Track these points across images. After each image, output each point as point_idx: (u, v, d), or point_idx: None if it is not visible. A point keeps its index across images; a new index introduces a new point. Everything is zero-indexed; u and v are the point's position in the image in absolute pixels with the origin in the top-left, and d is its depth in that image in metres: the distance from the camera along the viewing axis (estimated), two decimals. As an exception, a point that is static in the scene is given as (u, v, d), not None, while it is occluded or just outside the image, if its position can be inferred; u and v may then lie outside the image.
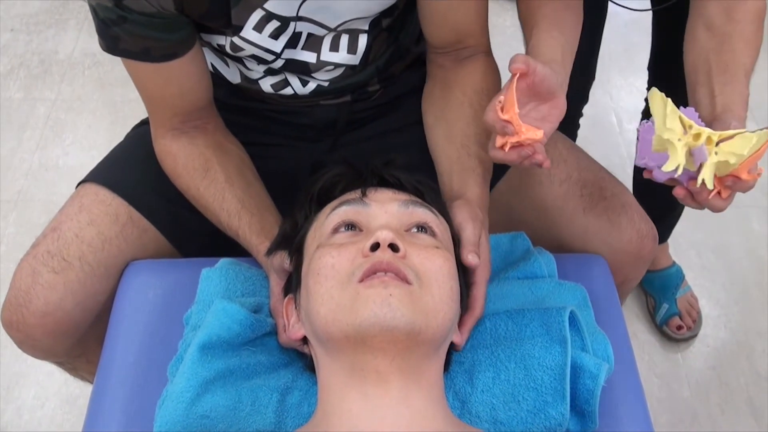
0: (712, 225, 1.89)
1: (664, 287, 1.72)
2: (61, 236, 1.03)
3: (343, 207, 0.83)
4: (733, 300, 1.77)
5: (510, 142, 0.83)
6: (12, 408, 1.58)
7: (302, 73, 1.07)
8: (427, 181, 0.90)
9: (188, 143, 1.02)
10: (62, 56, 2.31)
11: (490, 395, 0.85)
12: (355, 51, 1.05)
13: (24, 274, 1.02)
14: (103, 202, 1.06)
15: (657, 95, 0.82)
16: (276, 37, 0.98)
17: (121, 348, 0.99)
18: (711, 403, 1.60)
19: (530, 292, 0.95)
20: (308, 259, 0.81)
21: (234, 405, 0.86)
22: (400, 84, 1.17)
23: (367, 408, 0.73)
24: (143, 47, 0.93)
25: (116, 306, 1.04)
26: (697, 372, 1.65)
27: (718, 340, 1.70)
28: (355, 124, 1.17)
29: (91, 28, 2.30)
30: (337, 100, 1.13)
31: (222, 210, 1.00)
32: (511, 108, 0.81)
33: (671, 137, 0.80)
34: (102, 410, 0.95)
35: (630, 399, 0.94)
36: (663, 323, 1.71)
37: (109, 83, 2.23)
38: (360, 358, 0.73)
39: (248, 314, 0.90)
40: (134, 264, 1.07)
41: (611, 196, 1.08)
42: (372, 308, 0.70)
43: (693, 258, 1.83)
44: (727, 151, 0.78)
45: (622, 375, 0.94)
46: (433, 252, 0.78)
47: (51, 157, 2.05)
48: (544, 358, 0.85)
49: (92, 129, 2.12)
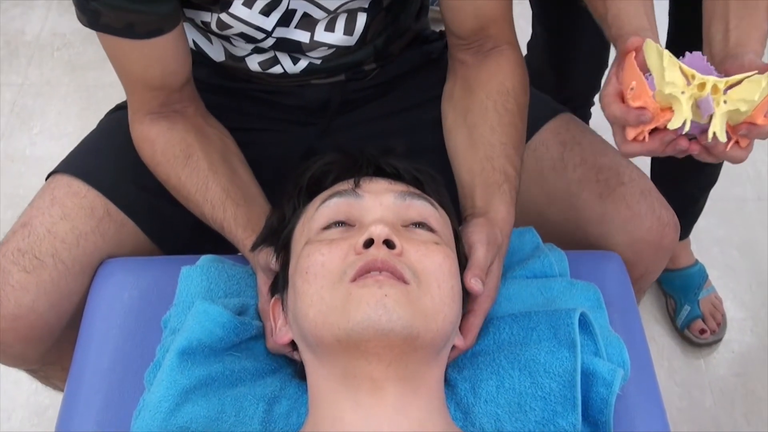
0: (738, 220, 1.90)
1: (686, 287, 1.72)
2: (32, 232, 1.03)
3: (334, 199, 0.82)
4: (760, 302, 1.77)
5: (647, 130, 0.82)
6: (-25, 420, 1.59)
7: (293, 52, 1.07)
8: (426, 169, 0.89)
9: (168, 128, 1.02)
10: (29, 37, 2.31)
11: (494, 405, 0.85)
12: (351, 32, 1.05)
13: None
14: (77, 195, 1.06)
15: (652, 47, 0.79)
16: (267, 14, 0.98)
17: (93, 353, 0.99)
18: (736, 413, 1.60)
19: (539, 293, 0.95)
20: (296, 256, 0.81)
21: (216, 416, 0.85)
22: (398, 63, 1.17)
23: (361, 418, 0.73)
24: (127, 22, 0.92)
25: (89, 307, 1.04)
26: (721, 379, 1.65)
27: (744, 344, 1.71)
28: (350, 106, 1.16)
29: (60, 6, 2.33)
30: (330, 79, 1.13)
31: (205, 201, 0.99)
32: (644, 92, 0.79)
33: (673, 91, 0.78)
34: (73, 422, 0.94)
35: (648, 408, 0.94)
36: (684, 326, 1.71)
37: (81, 66, 2.22)
38: (353, 365, 0.73)
39: (232, 317, 0.89)
40: (108, 262, 1.07)
41: (629, 181, 1.08)
42: (366, 310, 0.70)
43: (717, 256, 1.83)
44: (737, 98, 0.77)
45: (639, 382, 0.94)
46: (432, 248, 0.77)
47: (17, 147, 2.05)
48: (550, 363, 0.85)
49: (63, 116, 2.11)
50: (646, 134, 0.82)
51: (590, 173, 1.08)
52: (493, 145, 0.98)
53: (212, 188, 0.99)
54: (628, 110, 0.80)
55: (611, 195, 1.07)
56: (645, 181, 1.10)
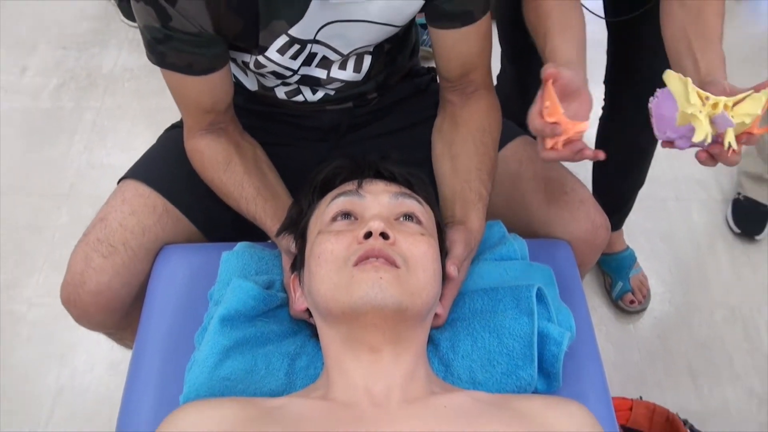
0: (660, 215, 1.89)
1: (619, 268, 1.72)
2: (107, 225, 1.02)
3: (341, 198, 0.82)
4: (677, 280, 1.77)
5: (561, 141, 0.81)
6: (67, 372, 1.58)
7: (313, 85, 1.06)
8: (417, 173, 0.89)
9: (213, 141, 1.02)
10: (105, 71, 2.30)
11: (469, 360, 0.85)
12: (359, 70, 1.05)
13: (78, 258, 1.01)
14: (142, 195, 1.05)
15: (674, 76, 0.79)
16: (295, 58, 0.98)
17: (155, 320, 0.99)
18: (657, 366, 1.60)
19: (505, 272, 0.95)
20: (311, 243, 0.81)
21: (250, 368, 0.85)
22: (394, 93, 1.16)
23: (363, 370, 0.74)
24: (187, 62, 0.92)
25: (151, 284, 1.04)
26: (646, 340, 1.65)
27: (663, 313, 1.70)
28: (356, 127, 1.16)
29: (130, 47, 2.33)
30: (340, 106, 1.12)
31: (241, 197, 0.99)
32: (556, 110, 0.79)
33: (694, 111, 0.78)
34: (140, 373, 0.94)
35: (589, 363, 0.94)
36: (618, 298, 1.70)
37: (145, 94, 2.22)
38: (355, 331, 0.73)
39: (260, 290, 0.89)
40: (167, 248, 1.07)
41: (571, 191, 1.07)
42: (365, 289, 0.70)
43: (643, 243, 1.83)
44: (742, 113, 0.77)
45: (582, 342, 0.94)
46: (418, 238, 0.77)
47: (96, 158, 2.04)
48: (513, 327, 0.85)
49: (131, 133, 2.10)
50: (560, 144, 0.82)
51: (540, 184, 1.08)
52: (470, 171, 0.98)
53: (246, 188, 0.99)
54: (545, 124, 0.81)
55: (556, 202, 1.07)
56: (584, 191, 1.09)
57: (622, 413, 1.33)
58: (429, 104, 1.13)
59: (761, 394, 1.54)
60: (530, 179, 1.08)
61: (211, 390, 0.84)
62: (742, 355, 1.61)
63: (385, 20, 0.95)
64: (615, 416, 0.92)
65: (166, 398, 0.89)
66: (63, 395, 1.53)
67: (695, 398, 1.54)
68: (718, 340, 1.64)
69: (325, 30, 0.94)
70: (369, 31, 0.96)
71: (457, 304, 0.90)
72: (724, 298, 1.71)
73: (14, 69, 2.29)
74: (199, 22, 0.87)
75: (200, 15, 0.86)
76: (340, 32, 0.95)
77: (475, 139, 1.01)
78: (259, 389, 0.84)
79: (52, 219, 1.88)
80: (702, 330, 1.66)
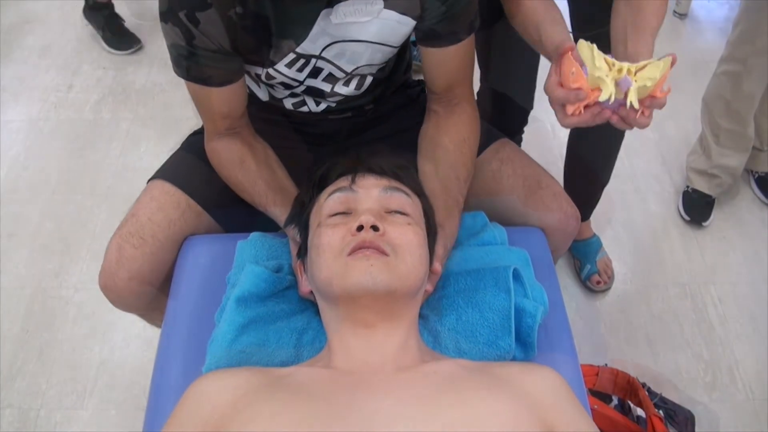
0: (622, 206, 1.88)
1: (587, 252, 1.70)
2: (138, 220, 1.02)
3: (336, 194, 0.81)
4: (636, 262, 1.76)
5: (582, 106, 0.80)
6: (107, 347, 1.58)
7: (317, 97, 1.05)
8: (404, 164, 0.87)
9: (229, 143, 1.01)
10: (138, 86, 2.28)
11: (455, 332, 0.84)
12: (360, 87, 1.04)
13: (113, 249, 1.00)
14: (168, 193, 1.04)
15: (584, 44, 0.78)
16: (301, 70, 0.97)
17: (181, 302, 0.98)
18: (620, 337, 1.59)
19: (486, 255, 0.94)
20: (312, 234, 0.80)
21: (263, 342, 0.84)
22: (388, 103, 1.15)
23: (361, 343, 0.73)
24: (208, 75, 0.91)
25: (177, 271, 1.03)
26: (610, 314, 1.64)
27: (625, 291, 1.69)
28: (354, 133, 1.14)
29: (159, 65, 2.32)
30: (340, 115, 1.11)
31: (254, 192, 0.98)
32: (580, 76, 0.78)
33: (601, 74, 0.77)
34: (168, 348, 0.94)
35: (560, 334, 0.93)
36: (586, 279, 1.69)
37: (172, 105, 2.20)
38: (351, 311, 0.73)
39: (270, 273, 0.88)
40: (190, 239, 1.06)
41: (546, 187, 1.06)
42: (357, 276, 0.70)
43: (608, 231, 1.82)
44: (644, 76, 0.76)
45: (554, 317, 0.93)
46: (406, 228, 0.76)
47: (131, 161, 2.02)
48: (493, 303, 0.84)
49: (160, 139, 2.09)
50: (582, 109, 0.80)
51: (518, 181, 1.06)
52: (449, 179, 0.96)
53: (259, 183, 0.98)
54: (568, 92, 0.79)
55: (532, 196, 1.05)
56: (557, 187, 1.08)
57: (589, 378, 1.32)
58: (417, 112, 1.12)
59: (707, 360, 1.53)
60: (510, 176, 1.07)
61: (229, 361, 0.83)
62: (690, 325, 1.60)
63: (382, 40, 0.94)
64: (584, 381, 0.91)
65: (191, 369, 0.88)
66: (105, 366, 1.53)
67: (652, 363, 1.53)
68: (672, 313, 1.63)
69: (330, 49, 0.93)
70: (368, 50, 0.95)
71: (444, 284, 0.89)
72: (676, 277, 1.70)
73: (62, 87, 2.28)
74: (219, 40, 0.87)
75: (220, 35, 0.86)
76: (342, 51, 0.94)
77: (455, 148, 1.00)
78: (270, 360, 0.83)
79: (93, 215, 1.87)
80: (657, 305, 1.65)
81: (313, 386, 0.69)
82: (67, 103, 2.22)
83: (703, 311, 1.62)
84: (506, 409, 0.64)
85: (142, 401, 1.46)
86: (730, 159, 1.73)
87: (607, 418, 1.25)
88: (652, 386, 1.37)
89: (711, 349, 1.55)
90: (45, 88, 2.28)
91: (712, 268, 1.71)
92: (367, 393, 0.67)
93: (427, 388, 0.68)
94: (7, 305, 1.64)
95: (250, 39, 0.89)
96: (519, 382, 0.70)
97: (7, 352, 1.56)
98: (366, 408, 0.64)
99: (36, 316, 1.63)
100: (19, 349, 1.57)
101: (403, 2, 0.90)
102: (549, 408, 0.67)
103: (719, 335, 1.57)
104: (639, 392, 1.28)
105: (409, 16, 0.92)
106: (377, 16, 0.89)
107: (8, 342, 1.58)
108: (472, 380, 0.70)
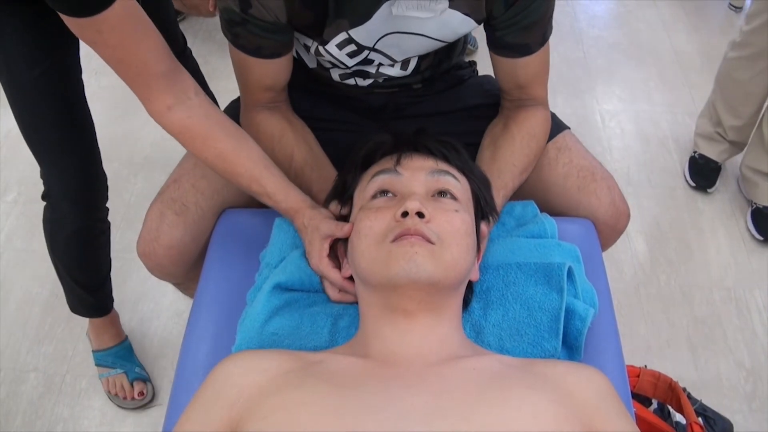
0: (671, 205, 1.80)
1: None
2: (180, 186, 0.99)
3: (380, 176, 0.77)
4: (680, 262, 1.68)
5: None
6: (137, 318, 1.56)
7: (364, 77, 1.02)
8: (452, 143, 0.82)
9: (268, 117, 0.97)
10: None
11: (499, 329, 0.79)
12: (406, 69, 1.01)
13: (154, 215, 0.97)
14: None
15: None
16: (351, 57, 0.94)
17: (213, 277, 0.95)
18: (661, 339, 1.53)
19: (536, 249, 0.88)
20: (353, 216, 0.76)
21: (297, 326, 0.81)
22: (437, 83, 1.10)
23: (398, 335, 0.69)
24: (257, 45, 0.88)
25: (212, 243, 0.99)
26: (651, 315, 1.57)
27: (668, 291, 1.62)
28: (400, 109, 1.10)
29: (203, 36, 2.28)
30: (387, 90, 1.06)
31: (290, 167, 0.95)
32: None
33: None
34: (199, 322, 0.91)
35: (608, 336, 0.87)
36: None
37: (213, 77, 2.16)
38: (392, 300, 0.69)
39: (313, 273, 0.85)
40: (228, 211, 1.02)
41: (600, 179, 1.01)
42: (401, 264, 0.66)
43: (654, 230, 1.75)
44: None
45: (603, 317, 0.87)
46: (453, 215, 0.72)
47: (169, 131, 2.01)
48: (544, 302, 0.79)
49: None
50: None
51: (573, 170, 1.01)
52: (506, 163, 0.93)
53: (296, 158, 0.95)
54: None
55: (586, 188, 1.00)
56: (611, 181, 1.02)
57: (630, 380, 1.25)
58: (464, 96, 1.08)
59: (749, 368, 1.47)
60: (566, 164, 1.02)
61: (261, 343, 0.80)
62: (734, 331, 1.52)
63: (439, 36, 0.91)
64: (629, 384, 0.86)
65: (220, 347, 0.85)
66: (133, 336, 1.51)
67: (693, 368, 1.46)
68: (715, 317, 1.56)
69: (384, 39, 0.90)
70: (422, 43, 0.92)
71: (491, 275, 0.84)
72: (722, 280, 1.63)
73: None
74: (276, 12, 0.84)
75: (277, 7, 0.83)
76: (396, 42, 0.91)
77: (522, 141, 0.95)
78: (303, 345, 0.79)
79: (129, 183, 1.85)
80: (702, 308, 1.58)
81: (346, 376, 0.66)
82: (108, 70, 2.18)
83: (747, 317, 1.56)
84: (547, 410, 0.61)
85: (170, 373, 1.46)
86: (736, 121, 1.72)
87: (646, 422, 1.19)
88: (692, 392, 1.30)
89: (753, 357, 1.48)
90: (86, 54, 2.27)
91: (759, 273, 1.65)
92: (402, 386, 0.63)
93: (466, 385, 0.64)
94: (38, 269, 1.64)
95: (307, 14, 0.86)
96: (563, 382, 0.66)
97: (35, 316, 1.56)
98: (401, 402, 0.60)
99: (68, 281, 1.63)
100: (48, 314, 1.57)
101: (468, 4, 0.86)
102: (592, 411, 0.64)
103: (762, 343, 1.51)
104: (681, 398, 1.22)
105: (472, 18, 0.89)
106: (440, 14, 0.86)
107: (37, 306, 1.58)
108: (513, 378, 0.66)
